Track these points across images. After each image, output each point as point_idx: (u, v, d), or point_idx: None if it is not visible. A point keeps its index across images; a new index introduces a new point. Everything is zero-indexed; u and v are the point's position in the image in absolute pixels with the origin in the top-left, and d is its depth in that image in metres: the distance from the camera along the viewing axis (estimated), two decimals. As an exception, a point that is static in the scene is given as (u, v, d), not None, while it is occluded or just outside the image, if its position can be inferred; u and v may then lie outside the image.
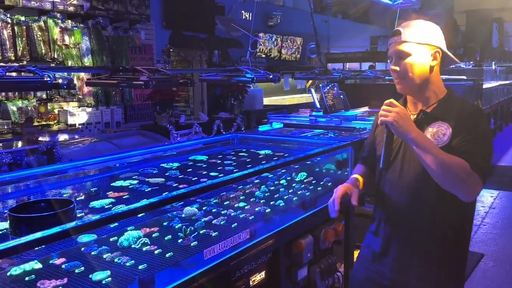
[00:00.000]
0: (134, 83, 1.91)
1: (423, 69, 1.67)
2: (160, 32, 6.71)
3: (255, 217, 2.21)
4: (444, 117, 1.67)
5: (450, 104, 1.71)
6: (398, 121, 1.57)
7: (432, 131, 1.67)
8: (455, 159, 1.53)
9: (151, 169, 2.61)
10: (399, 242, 1.77)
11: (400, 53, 1.67)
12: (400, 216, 1.76)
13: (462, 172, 1.52)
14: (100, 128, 5.78)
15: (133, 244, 1.79)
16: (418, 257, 1.74)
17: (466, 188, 1.56)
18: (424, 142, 1.56)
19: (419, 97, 1.74)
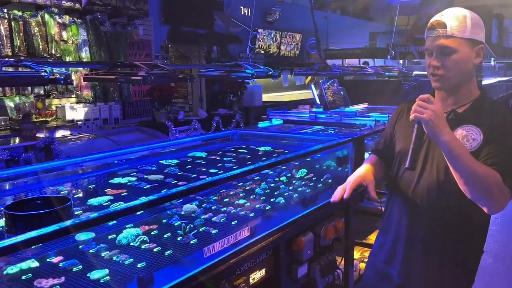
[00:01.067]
0: (133, 79, 1.88)
1: (467, 67, 1.56)
2: (159, 28, 6.67)
3: (255, 214, 2.19)
4: (476, 120, 1.56)
5: (484, 107, 1.59)
6: (434, 121, 1.45)
7: (462, 133, 1.57)
8: (488, 170, 1.44)
9: (150, 166, 2.59)
10: (410, 247, 1.69)
11: (445, 48, 1.53)
12: (415, 220, 1.67)
13: (494, 185, 1.43)
14: (98, 125, 5.75)
15: (132, 242, 1.76)
16: (427, 266, 1.66)
17: (494, 201, 1.46)
18: (457, 147, 1.46)
19: (453, 96, 1.62)
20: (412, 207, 1.68)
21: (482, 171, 1.44)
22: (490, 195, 1.45)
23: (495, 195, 1.45)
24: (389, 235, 1.78)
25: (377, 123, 3.40)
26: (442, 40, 1.54)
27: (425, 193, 1.63)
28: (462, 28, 1.52)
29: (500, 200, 1.46)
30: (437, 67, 1.57)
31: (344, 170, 3.01)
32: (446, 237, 1.63)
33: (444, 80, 1.58)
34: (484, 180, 1.44)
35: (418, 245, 1.68)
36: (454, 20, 1.54)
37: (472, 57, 1.56)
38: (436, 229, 1.63)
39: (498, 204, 1.47)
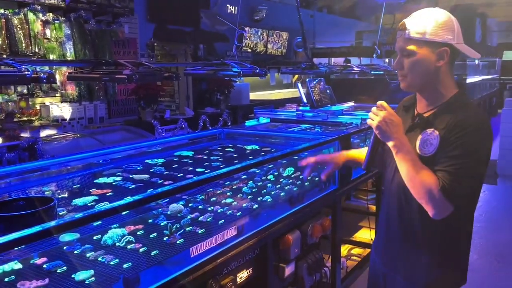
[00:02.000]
0: (117, 77, 1.85)
1: (426, 70, 1.53)
2: (144, 26, 6.61)
3: (242, 213, 2.18)
4: (438, 124, 1.53)
5: (451, 109, 1.53)
6: (382, 127, 1.51)
7: (423, 138, 1.55)
8: (424, 177, 1.45)
9: (136, 165, 2.56)
10: (390, 240, 1.75)
11: (403, 50, 1.54)
12: (392, 216, 1.72)
13: (427, 193, 1.44)
14: (83, 124, 5.69)
15: (118, 243, 1.74)
16: (405, 258, 1.69)
17: (430, 207, 1.46)
18: (403, 151, 1.50)
19: (426, 96, 1.61)
20: (388, 205, 1.75)
21: (419, 177, 1.46)
22: (424, 201, 1.47)
23: (430, 203, 1.45)
24: (378, 228, 1.91)
25: (363, 121, 3.42)
26: (401, 42, 1.55)
27: (395, 192, 1.67)
28: (422, 31, 1.50)
29: (437, 208, 1.45)
30: (399, 68, 1.58)
31: (331, 168, 3.02)
32: (419, 233, 1.63)
33: (405, 81, 1.58)
34: (419, 187, 1.46)
35: (395, 240, 1.72)
36: (416, 22, 1.52)
37: (432, 60, 1.52)
38: (408, 226, 1.66)
39: (436, 211, 1.46)
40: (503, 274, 3.86)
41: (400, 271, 1.71)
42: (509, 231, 4.87)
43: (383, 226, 1.81)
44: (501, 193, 6.29)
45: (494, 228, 4.82)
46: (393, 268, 1.74)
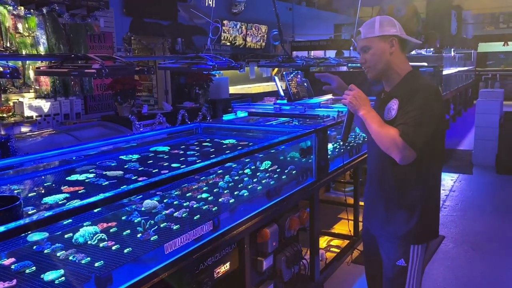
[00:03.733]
0: (86, 72, 1.80)
1: (383, 57, 1.96)
2: (120, 19, 6.50)
3: (219, 208, 2.17)
4: (397, 94, 1.95)
5: (406, 82, 1.97)
6: (352, 101, 1.94)
7: (387, 107, 1.97)
8: (387, 130, 1.85)
9: (110, 161, 2.52)
10: (374, 202, 2.11)
11: (363, 48, 1.99)
12: (373, 180, 2.12)
13: (390, 140, 1.82)
14: (59, 120, 5.57)
15: (89, 241, 1.71)
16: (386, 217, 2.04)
17: (396, 152, 1.83)
18: (370, 117, 1.90)
19: (387, 80, 2.03)
20: (370, 169, 2.16)
21: (383, 131, 1.86)
22: (390, 148, 1.84)
23: (394, 148, 1.83)
24: (366, 195, 2.23)
25: (340, 114, 3.43)
26: (360, 42, 2.00)
27: (375, 157, 2.08)
28: (371, 30, 1.96)
29: (400, 152, 1.82)
30: (362, 62, 2.02)
31: (308, 161, 3.03)
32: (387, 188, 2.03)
33: (370, 71, 2.00)
34: (384, 138, 1.85)
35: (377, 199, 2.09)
36: (366, 26, 1.99)
37: (386, 48, 1.96)
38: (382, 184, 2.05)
39: (401, 155, 1.83)
40: (478, 262, 3.95)
41: (384, 230, 2.06)
42: (484, 220, 4.97)
43: (367, 193, 2.20)
44: (476, 182, 6.42)
45: (469, 217, 4.92)
46: (378, 228, 2.10)
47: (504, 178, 6.65)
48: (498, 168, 6.91)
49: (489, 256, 4.05)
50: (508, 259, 3.99)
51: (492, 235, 4.54)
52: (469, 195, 5.78)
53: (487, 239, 4.42)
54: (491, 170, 6.93)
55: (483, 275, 3.73)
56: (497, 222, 4.91)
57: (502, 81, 15.39)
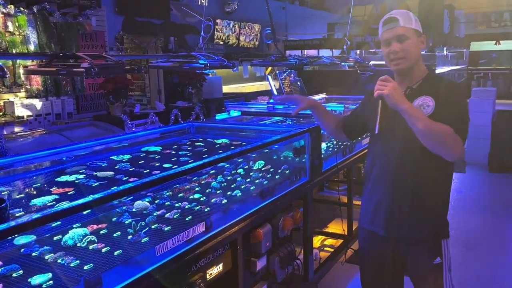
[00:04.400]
0: (75, 71, 1.77)
1: (417, 51, 1.95)
2: (112, 18, 6.44)
3: (211, 208, 2.14)
4: (428, 91, 1.93)
5: (432, 80, 1.98)
6: (392, 93, 1.79)
7: (418, 103, 1.92)
8: (441, 125, 1.77)
9: (100, 162, 2.48)
10: (389, 203, 2.00)
11: (400, 36, 1.90)
12: (390, 179, 1.99)
13: (448, 136, 1.76)
14: (51, 120, 5.51)
15: (79, 243, 1.68)
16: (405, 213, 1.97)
17: (451, 149, 1.79)
18: (415, 112, 1.79)
19: (408, 76, 1.98)
20: (388, 167, 2.01)
21: (437, 127, 1.77)
22: (447, 145, 1.78)
23: (451, 144, 1.78)
24: (372, 197, 2.08)
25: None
26: (398, 30, 1.91)
27: (396, 154, 1.97)
28: (409, 21, 1.92)
29: (455, 147, 1.79)
30: (397, 52, 1.91)
31: (302, 161, 3.01)
32: (414, 187, 1.95)
33: (403, 62, 1.93)
34: (439, 135, 1.77)
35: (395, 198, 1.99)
36: (402, 15, 1.93)
37: (419, 44, 1.95)
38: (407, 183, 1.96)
39: (455, 150, 1.80)
40: (472, 260, 3.96)
41: (412, 232, 1.98)
42: (478, 218, 4.99)
43: (375, 195, 2.05)
44: (470, 181, 6.45)
45: (463, 215, 4.93)
46: (403, 231, 1.98)
47: (497, 177, 6.68)
48: (490, 167, 6.94)
49: (482, 255, 4.06)
50: (501, 258, 4.00)
51: (485, 234, 4.55)
52: (463, 193, 5.80)
53: (480, 238, 4.43)
54: (483, 169, 6.95)
55: (477, 274, 3.73)
56: (490, 220, 4.93)
57: (494, 80, 15.45)
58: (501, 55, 12.30)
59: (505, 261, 3.95)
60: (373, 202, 2.07)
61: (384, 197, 2.01)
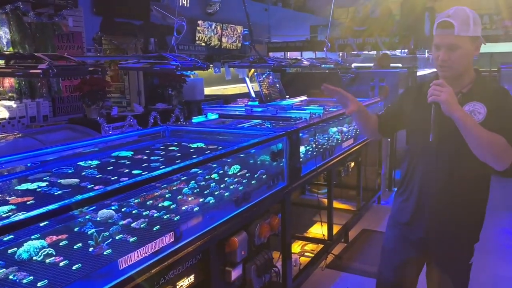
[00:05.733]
0: (31, 72, 1.66)
1: (469, 60, 1.89)
2: (90, 19, 6.29)
3: (182, 217, 2.05)
4: (479, 97, 1.88)
5: (482, 85, 1.93)
6: (449, 100, 1.73)
7: (469, 109, 1.87)
8: (495, 135, 1.74)
9: (67, 168, 2.36)
10: (434, 207, 1.99)
11: (452, 46, 1.83)
12: (436, 186, 1.97)
13: (501, 146, 1.75)
14: (25, 123, 5.33)
15: (35, 256, 1.57)
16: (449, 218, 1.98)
17: (503, 159, 1.77)
18: (469, 121, 1.75)
19: (458, 80, 1.91)
20: (430, 176, 1.99)
21: (491, 137, 1.74)
22: (500, 155, 1.76)
23: (504, 154, 1.76)
24: (410, 199, 2.07)
25: (313, 116, 3.35)
26: (450, 39, 1.83)
27: (445, 159, 1.94)
28: (466, 28, 1.82)
29: (508, 158, 1.77)
30: (445, 60, 1.86)
31: (280, 165, 2.93)
32: (462, 193, 1.95)
33: (450, 71, 1.88)
34: (493, 145, 1.74)
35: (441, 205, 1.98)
36: (460, 21, 1.82)
37: (472, 51, 1.87)
38: (453, 192, 1.95)
39: (506, 161, 1.78)
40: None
41: (448, 236, 2.00)
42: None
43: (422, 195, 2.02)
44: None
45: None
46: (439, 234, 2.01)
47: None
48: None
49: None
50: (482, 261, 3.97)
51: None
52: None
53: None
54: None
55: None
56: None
57: (475, 82, 15.63)
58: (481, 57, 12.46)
59: (486, 265, 3.93)
60: (414, 204, 2.06)
61: (428, 201, 2.01)
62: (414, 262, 2.17)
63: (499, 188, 6.21)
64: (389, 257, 2.24)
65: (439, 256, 2.09)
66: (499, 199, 5.71)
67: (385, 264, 2.26)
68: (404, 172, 2.16)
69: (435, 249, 2.08)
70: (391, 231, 2.23)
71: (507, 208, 5.30)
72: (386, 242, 2.27)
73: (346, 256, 4.02)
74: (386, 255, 2.26)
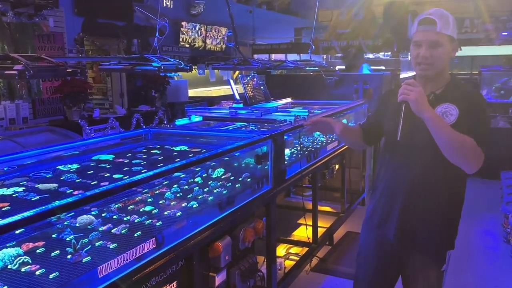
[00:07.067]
0: (6, 73, 1.60)
1: (447, 58, 1.89)
2: (72, 19, 6.18)
3: (164, 222, 2.00)
4: (451, 99, 1.87)
5: (456, 87, 1.92)
6: (418, 100, 1.73)
7: (441, 111, 1.86)
8: (464, 136, 1.72)
9: (45, 172, 2.29)
10: (404, 211, 1.95)
11: (433, 42, 1.82)
12: (406, 186, 1.94)
13: (470, 148, 1.72)
14: (4, 125, 5.21)
15: (10, 265, 1.51)
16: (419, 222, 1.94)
17: (472, 161, 1.74)
18: (439, 121, 1.74)
19: (433, 81, 1.91)
20: (401, 177, 1.96)
21: (460, 138, 1.72)
22: (468, 156, 1.74)
23: (473, 156, 1.74)
24: (381, 202, 2.05)
25: (297, 118, 3.33)
26: (432, 35, 1.82)
27: (415, 160, 1.91)
28: (447, 26, 1.83)
29: (476, 159, 1.75)
30: (426, 57, 1.84)
31: (264, 168, 2.90)
32: (435, 200, 1.92)
33: (430, 69, 1.86)
34: (462, 146, 1.72)
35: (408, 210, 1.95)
36: (442, 19, 1.83)
37: (450, 51, 1.88)
38: (424, 193, 1.92)
39: (476, 163, 1.75)
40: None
41: (418, 242, 1.96)
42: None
43: (393, 197, 1.99)
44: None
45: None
46: (410, 239, 1.97)
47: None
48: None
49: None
50: (463, 263, 4.02)
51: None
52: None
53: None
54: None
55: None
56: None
57: (457, 85, 15.89)
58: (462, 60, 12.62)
59: (467, 266, 3.97)
60: (385, 207, 2.03)
61: (398, 205, 1.98)
62: (389, 268, 2.12)
63: (480, 190, 6.31)
64: (364, 263, 2.20)
65: (410, 262, 2.03)
66: (480, 200, 5.79)
67: (360, 270, 2.22)
68: (376, 175, 2.14)
69: (405, 254, 2.03)
70: (364, 236, 2.20)
71: (488, 210, 5.37)
72: (360, 247, 2.23)
73: (331, 259, 4.02)
74: (362, 260, 2.21)
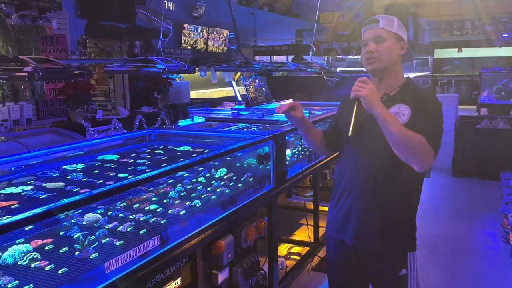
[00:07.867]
0: (16, 75, 1.65)
1: (394, 55, 1.93)
2: (75, 21, 6.25)
3: (168, 220, 2.05)
4: (405, 100, 1.91)
5: (410, 89, 1.96)
6: (369, 96, 1.75)
7: (394, 111, 1.88)
8: (415, 134, 1.74)
9: (52, 172, 2.34)
10: (358, 212, 1.96)
11: (377, 37, 1.91)
12: (359, 186, 1.95)
13: (420, 145, 1.73)
14: (8, 126, 5.27)
15: (20, 261, 1.56)
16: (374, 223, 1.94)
17: (422, 158, 1.76)
18: (390, 117, 1.75)
19: (384, 81, 1.96)
20: (357, 178, 1.97)
21: (411, 135, 1.74)
22: (418, 154, 1.75)
23: (423, 154, 1.75)
24: (339, 204, 2.05)
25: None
26: (375, 31, 1.92)
27: (368, 159, 1.93)
28: (391, 25, 1.93)
29: (426, 158, 1.76)
30: (371, 51, 1.90)
31: (266, 168, 2.95)
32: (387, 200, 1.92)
33: (377, 63, 1.91)
34: (412, 143, 1.73)
35: (364, 211, 1.95)
36: (384, 18, 1.95)
37: (398, 49, 1.94)
38: (378, 193, 1.92)
39: (425, 161, 1.77)
40: (437, 265, 3.99)
41: (374, 244, 1.95)
42: (442, 222, 5.06)
43: (346, 202, 2.00)
44: (434, 185, 6.55)
45: (427, 220, 4.98)
46: (371, 242, 1.95)
47: (460, 181, 6.84)
48: (454, 171, 7.08)
49: (447, 260, 4.10)
50: (463, 263, 4.05)
51: (449, 239, 4.61)
52: (427, 198, 5.88)
53: (444, 243, 4.48)
54: (447, 173, 7.10)
55: (441, 279, 3.76)
56: (453, 225, 5.01)
57: (457, 86, 15.93)
58: (463, 62, 12.70)
59: (467, 266, 4.01)
60: (342, 210, 2.02)
61: (353, 206, 1.97)
62: (355, 274, 2.10)
63: (480, 190, 6.35)
64: (333, 270, 2.19)
65: (371, 265, 2.02)
66: (480, 200, 5.83)
67: (330, 277, 2.21)
68: (335, 175, 2.12)
69: (365, 258, 2.01)
70: (328, 242, 2.18)
71: (487, 210, 5.41)
72: (327, 255, 2.22)
73: (332, 259, 4.05)
74: (331, 267, 2.20)
